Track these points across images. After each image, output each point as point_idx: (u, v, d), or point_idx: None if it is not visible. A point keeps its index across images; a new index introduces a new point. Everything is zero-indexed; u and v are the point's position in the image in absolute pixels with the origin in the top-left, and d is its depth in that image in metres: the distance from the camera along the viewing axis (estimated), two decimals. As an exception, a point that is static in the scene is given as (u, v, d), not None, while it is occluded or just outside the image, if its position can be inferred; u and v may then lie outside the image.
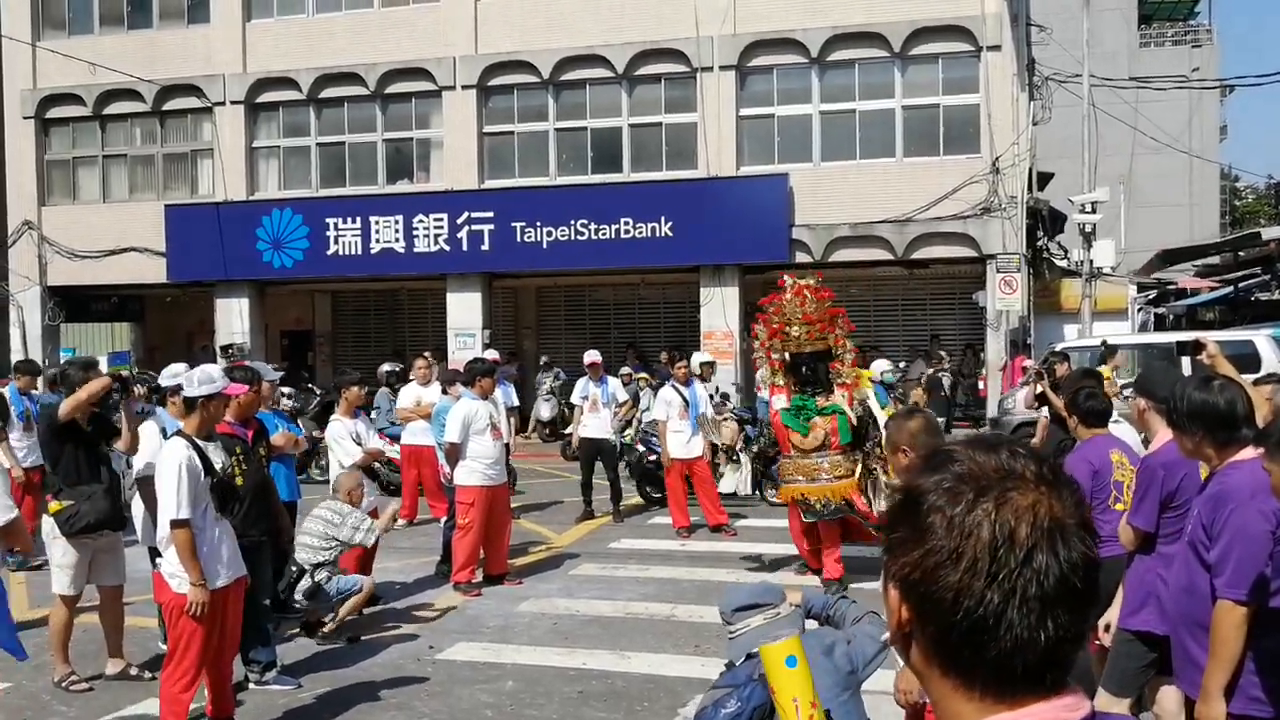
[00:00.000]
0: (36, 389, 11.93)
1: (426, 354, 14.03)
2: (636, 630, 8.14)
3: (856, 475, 9.21)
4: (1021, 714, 1.22)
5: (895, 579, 1.27)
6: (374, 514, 8.46)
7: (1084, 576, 1.23)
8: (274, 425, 8.33)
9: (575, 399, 13.30)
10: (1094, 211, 21.05)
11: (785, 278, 9.71)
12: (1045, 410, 10.40)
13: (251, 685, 6.69)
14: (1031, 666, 1.21)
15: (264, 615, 6.87)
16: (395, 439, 12.54)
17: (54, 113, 24.25)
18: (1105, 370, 11.71)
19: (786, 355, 9.44)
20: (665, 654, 7.50)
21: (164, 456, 5.66)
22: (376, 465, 9.37)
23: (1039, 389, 11.59)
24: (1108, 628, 4.74)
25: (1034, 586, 1.19)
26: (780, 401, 9.47)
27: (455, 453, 9.50)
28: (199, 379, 5.87)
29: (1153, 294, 31.26)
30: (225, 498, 5.85)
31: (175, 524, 5.47)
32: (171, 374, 7.09)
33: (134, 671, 7.01)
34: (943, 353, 21.67)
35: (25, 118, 24.16)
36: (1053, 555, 1.21)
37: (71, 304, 24.74)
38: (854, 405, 9.37)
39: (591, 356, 13.26)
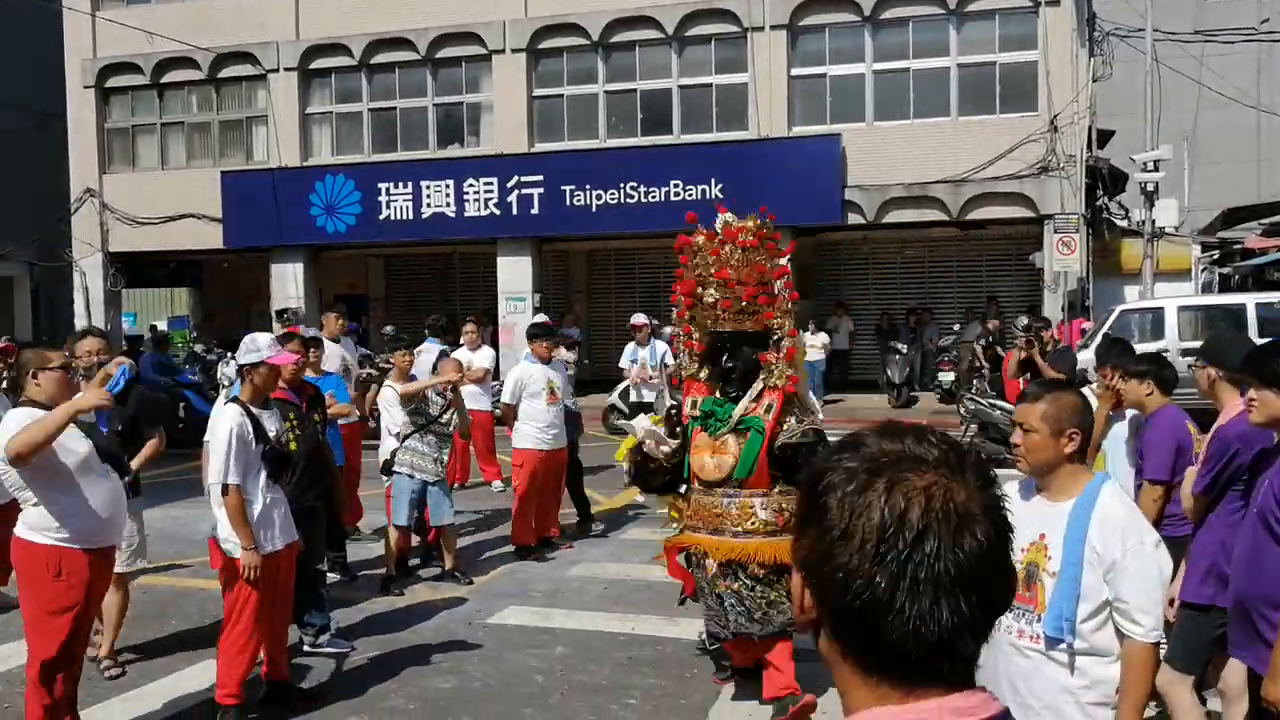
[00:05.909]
0: None
1: (473, 318, 14.04)
2: (687, 595, 8.11)
3: (782, 535, 5.48)
4: (912, 707, 1.18)
5: (796, 561, 1.25)
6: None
7: (982, 563, 1.18)
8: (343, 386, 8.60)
9: (623, 363, 13.29)
10: (1156, 170, 20.61)
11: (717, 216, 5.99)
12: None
13: (306, 648, 6.77)
14: (925, 656, 1.17)
15: (318, 580, 6.93)
16: None
17: (113, 82, 24.51)
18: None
19: (705, 333, 5.91)
20: (716, 619, 7.47)
21: (217, 423, 5.74)
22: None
23: (1023, 355, 11.52)
24: (1172, 602, 4.63)
25: (924, 571, 1.16)
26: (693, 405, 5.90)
27: (509, 414, 9.58)
28: (245, 347, 5.94)
29: (1217, 254, 30.54)
30: (279, 465, 5.89)
31: (225, 489, 5.55)
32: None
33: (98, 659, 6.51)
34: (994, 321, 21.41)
35: (86, 87, 24.44)
36: (947, 539, 1.17)
37: (132, 270, 25.18)
38: (783, 414, 5.66)
39: (637, 319, 13.22)
